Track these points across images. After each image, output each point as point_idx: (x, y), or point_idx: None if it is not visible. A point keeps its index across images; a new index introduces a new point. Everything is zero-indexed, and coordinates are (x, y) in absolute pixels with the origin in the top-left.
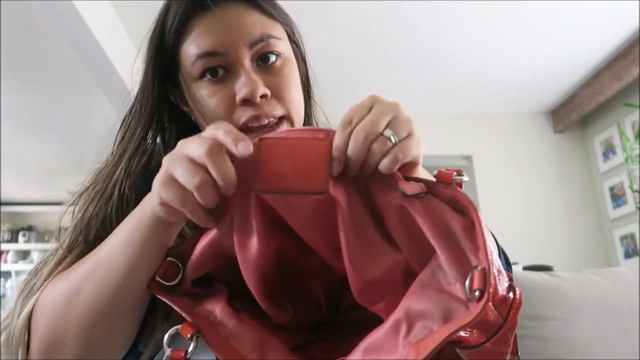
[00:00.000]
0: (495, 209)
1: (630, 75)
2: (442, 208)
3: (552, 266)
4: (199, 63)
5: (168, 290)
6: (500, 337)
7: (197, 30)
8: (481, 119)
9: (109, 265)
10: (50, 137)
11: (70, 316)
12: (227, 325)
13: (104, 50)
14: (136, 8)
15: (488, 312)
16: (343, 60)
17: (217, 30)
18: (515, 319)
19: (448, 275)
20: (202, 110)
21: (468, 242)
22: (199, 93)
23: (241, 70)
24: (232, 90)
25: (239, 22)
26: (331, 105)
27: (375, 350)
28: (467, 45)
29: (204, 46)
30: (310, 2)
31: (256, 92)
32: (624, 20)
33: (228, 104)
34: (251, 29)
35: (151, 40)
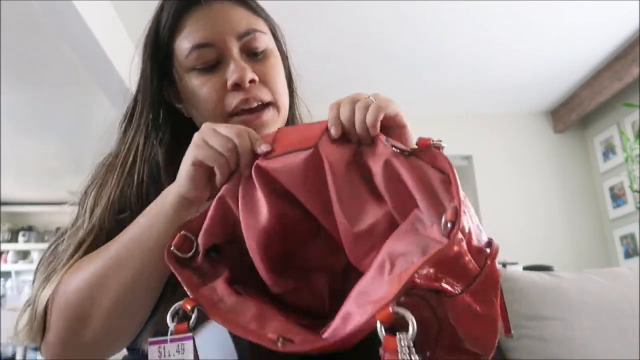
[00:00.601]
0: (495, 209)
1: (630, 75)
2: (424, 166)
3: (552, 266)
4: (193, 54)
5: (182, 263)
6: (482, 291)
7: (190, 25)
8: (481, 119)
9: (139, 245)
10: (50, 137)
11: (96, 301)
12: (227, 302)
13: (104, 50)
14: (136, 8)
15: (462, 247)
16: (343, 60)
17: (209, 24)
18: (494, 270)
19: (426, 222)
20: (195, 100)
21: (444, 193)
22: (192, 83)
23: (231, 60)
24: (222, 78)
25: (228, 17)
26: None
27: (364, 294)
28: (467, 45)
29: (196, 38)
30: (310, 2)
31: (245, 76)
32: (624, 20)
33: (219, 91)
34: (239, 23)
35: (147, 39)
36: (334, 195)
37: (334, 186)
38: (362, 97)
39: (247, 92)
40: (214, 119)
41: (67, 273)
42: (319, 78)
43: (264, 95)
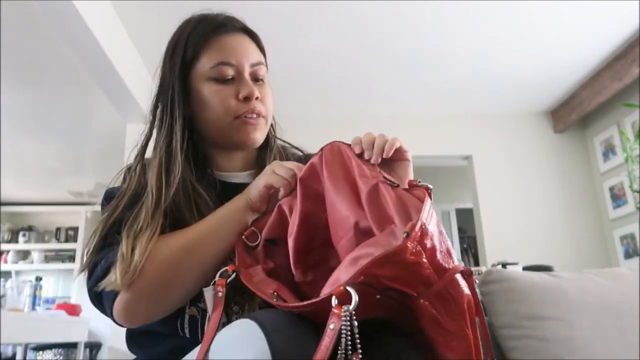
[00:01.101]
0: (495, 209)
1: (630, 75)
2: (405, 195)
3: (552, 266)
4: (218, 68)
5: (246, 248)
6: (445, 305)
7: (217, 45)
8: (481, 119)
9: (215, 234)
10: (50, 137)
11: (181, 269)
12: (257, 277)
13: (104, 50)
14: (136, 8)
15: (421, 259)
16: (343, 60)
17: (232, 49)
18: (459, 290)
19: (397, 234)
20: (207, 103)
21: (415, 215)
22: (209, 89)
23: (243, 79)
24: (234, 90)
25: (246, 48)
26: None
27: (336, 279)
28: (467, 45)
29: (222, 57)
30: (310, 2)
31: (254, 93)
32: (624, 20)
33: (231, 99)
34: (253, 54)
35: (176, 50)
36: (328, 190)
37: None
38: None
39: (251, 105)
40: (221, 119)
41: (158, 241)
42: (319, 78)
43: (261, 110)
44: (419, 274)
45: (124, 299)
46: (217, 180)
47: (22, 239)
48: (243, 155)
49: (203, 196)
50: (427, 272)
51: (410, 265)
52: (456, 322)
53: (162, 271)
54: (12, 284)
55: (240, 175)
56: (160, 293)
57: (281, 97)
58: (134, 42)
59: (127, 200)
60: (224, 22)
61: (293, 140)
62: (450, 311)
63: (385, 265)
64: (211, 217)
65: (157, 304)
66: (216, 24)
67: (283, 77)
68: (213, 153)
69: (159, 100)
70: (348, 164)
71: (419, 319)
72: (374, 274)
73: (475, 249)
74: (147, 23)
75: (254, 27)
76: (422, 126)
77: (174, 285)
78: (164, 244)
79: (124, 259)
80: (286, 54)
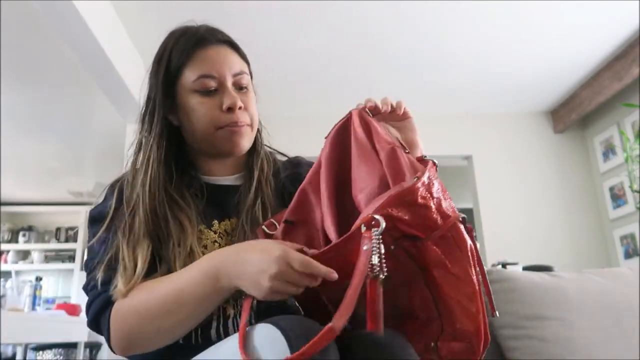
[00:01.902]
0: (495, 209)
1: (630, 75)
2: (415, 161)
3: (552, 266)
4: (198, 81)
5: (266, 235)
6: (448, 248)
7: (200, 58)
8: (481, 119)
9: (195, 303)
10: (50, 137)
11: (161, 322)
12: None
13: (104, 50)
14: (136, 8)
15: (429, 203)
16: (343, 60)
17: (215, 61)
18: (460, 235)
19: (409, 183)
20: (192, 114)
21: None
22: (194, 101)
23: (226, 90)
24: (218, 101)
25: (228, 59)
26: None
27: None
28: (467, 45)
29: (204, 70)
30: (310, 2)
31: (237, 103)
32: (624, 20)
33: (214, 110)
34: (235, 65)
35: (161, 62)
36: (354, 153)
37: (355, 146)
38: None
39: (235, 116)
40: (206, 129)
41: (138, 288)
42: (319, 78)
43: (245, 119)
44: (428, 217)
45: (115, 342)
46: (205, 183)
47: (22, 239)
48: (231, 161)
49: (178, 202)
50: (434, 216)
51: (421, 207)
52: (461, 265)
53: (139, 327)
54: (12, 284)
55: (229, 178)
56: (143, 340)
57: (281, 97)
58: (134, 42)
59: (113, 220)
60: (205, 34)
61: (293, 140)
62: (455, 256)
63: (400, 207)
64: (188, 282)
65: (142, 346)
66: (198, 37)
67: (283, 77)
68: (202, 161)
69: (146, 111)
70: (371, 128)
71: (427, 265)
72: (391, 215)
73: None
74: (147, 23)
75: (254, 27)
76: (422, 126)
77: (154, 335)
78: (140, 298)
79: (126, 268)
80: (286, 53)
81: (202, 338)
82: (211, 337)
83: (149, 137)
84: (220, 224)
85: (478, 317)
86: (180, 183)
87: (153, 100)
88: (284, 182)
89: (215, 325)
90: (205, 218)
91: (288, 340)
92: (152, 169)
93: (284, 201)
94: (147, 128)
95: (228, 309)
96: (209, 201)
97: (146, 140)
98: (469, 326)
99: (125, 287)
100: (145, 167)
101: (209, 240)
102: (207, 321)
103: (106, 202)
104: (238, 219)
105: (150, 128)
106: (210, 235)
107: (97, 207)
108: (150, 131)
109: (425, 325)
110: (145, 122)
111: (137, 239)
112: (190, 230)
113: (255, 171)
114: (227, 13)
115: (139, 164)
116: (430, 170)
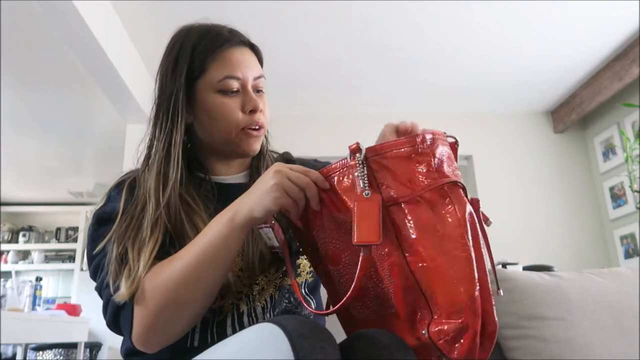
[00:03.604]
0: (495, 209)
1: (630, 75)
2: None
3: (552, 266)
4: (225, 81)
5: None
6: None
7: (227, 58)
8: (481, 119)
9: (213, 259)
10: (50, 137)
11: (188, 291)
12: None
13: (104, 50)
14: (136, 8)
15: (424, 146)
16: (343, 60)
17: (238, 63)
18: (457, 194)
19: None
20: (214, 113)
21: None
22: (217, 100)
23: (248, 92)
24: (240, 102)
25: (250, 63)
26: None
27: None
28: (467, 45)
29: (230, 71)
30: (310, 2)
31: (258, 106)
32: (624, 20)
33: (237, 111)
34: (255, 68)
35: (179, 62)
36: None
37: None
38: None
39: (255, 117)
40: (226, 129)
41: (158, 269)
42: (319, 78)
43: (263, 121)
44: (421, 174)
45: (138, 330)
46: (215, 183)
47: (22, 239)
48: (239, 162)
49: (191, 205)
50: (434, 175)
51: (420, 157)
52: (454, 228)
53: (166, 302)
54: (12, 284)
55: (235, 177)
56: (168, 320)
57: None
58: (134, 42)
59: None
60: (230, 36)
61: (293, 140)
62: (446, 221)
63: (401, 146)
64: (207, 235)
65: (167, 331)
66: (223, 38)
67: (283, 78)
68: (210, 160)
69: (160, 108)
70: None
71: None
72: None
73: None
74: (147, 23)
75: (255, 28)
76: (422, 126)
77: (180, 311)
78: (164, 273)
79: (130, 272)
80: (286, 54)
81: (217, 335)
82: (227, 333)
83: (163, 135)
84: None
85: (472, 281)
86: (190, 184)
87: (171, 97)
88: None
89: (231, 322)
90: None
91: (290, 339)
92: (165, 168)
93: None
94: (162, 125)
95: (241, 306)
96: (220, 200)
97: (160, 137)
98: (462, 295)
99: (128, 289)
100: (158, 165)
101: None
102: (222, 318)
103: (113, 203)
104: None
105: (166, 125)
106: None
107: (104, 208)
108: (166, 128)
109: (413, 321)
110: (161, 119)
111: (144, 241)
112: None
113: (262, 170)
114: (227, 13)
115: (151, 163)
116: (440, 138)
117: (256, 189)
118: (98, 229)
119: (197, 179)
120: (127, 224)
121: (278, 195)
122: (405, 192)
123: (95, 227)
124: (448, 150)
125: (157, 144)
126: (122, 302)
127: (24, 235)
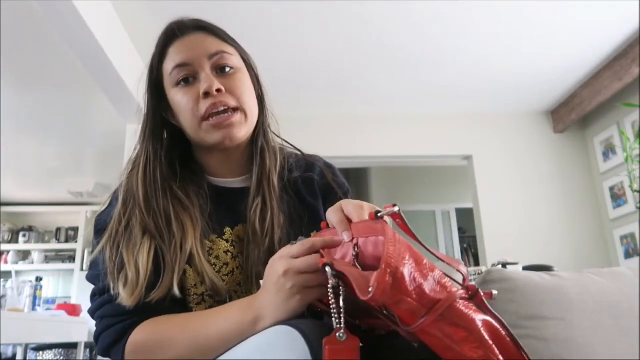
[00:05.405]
0: (495, 209)
1: (630, 75)
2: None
3: (552, 266)
4: (175, 72)
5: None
6: (446, 325)
7: (172, 51)
8: (481, 119)
9: (226, 346)
10: (50, 137)
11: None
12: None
13: (104, 50)
14: (136, 8)
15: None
16: (343, 60)
17: (186, 49)
18: (457, 313)
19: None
20: (179, 109)
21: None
22: (177, 96)
23: (202, 75)
24: (197, 90)
25: (201, 43)
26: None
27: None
28: (467, 45)
29: (177, 60)
30: (310, 2)
31: (212, 86)
32: (624, 20)
33: (195, 99)
34: (210, 47)
35: (147, 68)
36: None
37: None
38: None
39: (214, 99)
40: (193, 124)
41: (161, 324)
42: (319, 78)
43: (230, 102)
44: (406, 310)
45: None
46: (214, 186)
47: (22, 239)
48: (236, 159)
49: (183, 201)
50: (415, 305)
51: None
52: (479, 349)
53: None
54: (12, 284)
55: (237, 181)
56: None
57: (281, 97)
58: (134, 43)
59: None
60: (174, 28)
61: (293, 141)
62: (462, 338)
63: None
64: (219, 327)
65: None
66: (168, 32)
67: (283, 78)
68: (205, 158)
69: (145, 116)
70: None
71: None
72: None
73: (475, 249)
74: (147, 23)
75: (254, 28)
76: (422, 126)
77: None
78: (165, 344)
79: (128, 278)
80: (286, 54)
81: None
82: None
83: (144, 137)
84: (233, 230)
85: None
86: (185, 182)
87: (145, 103)
88: (297, 181)
89: None
90: (218, 224)
91: (308, 342)
92: (147, 166)
93: (300, 202)
94: (142, 130)
95: None
96: (219, 206)
97: (141, 140)
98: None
99: (129, 297)
100: (141, 165)
101: (221, 250)
102: None
103: (110, 210)
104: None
105: (145, 129)
106: (222, 245)
107: (101, 215)
108: (145, 132)
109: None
110: (144, 124)
111: (137, 243)
112: (191, 232)
113: (255, 168)
114: (227, 13)
115: (134, 164)
116: (389, 248)
117: (274, 290)
118: (95, 237)
119: (195, 178)
120: (121, 232)
121: (300, 296)
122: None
123: (94, 236)
124: (408, 255)
125: (140, 146)
126: (119, 337)
127: (24, 235)
